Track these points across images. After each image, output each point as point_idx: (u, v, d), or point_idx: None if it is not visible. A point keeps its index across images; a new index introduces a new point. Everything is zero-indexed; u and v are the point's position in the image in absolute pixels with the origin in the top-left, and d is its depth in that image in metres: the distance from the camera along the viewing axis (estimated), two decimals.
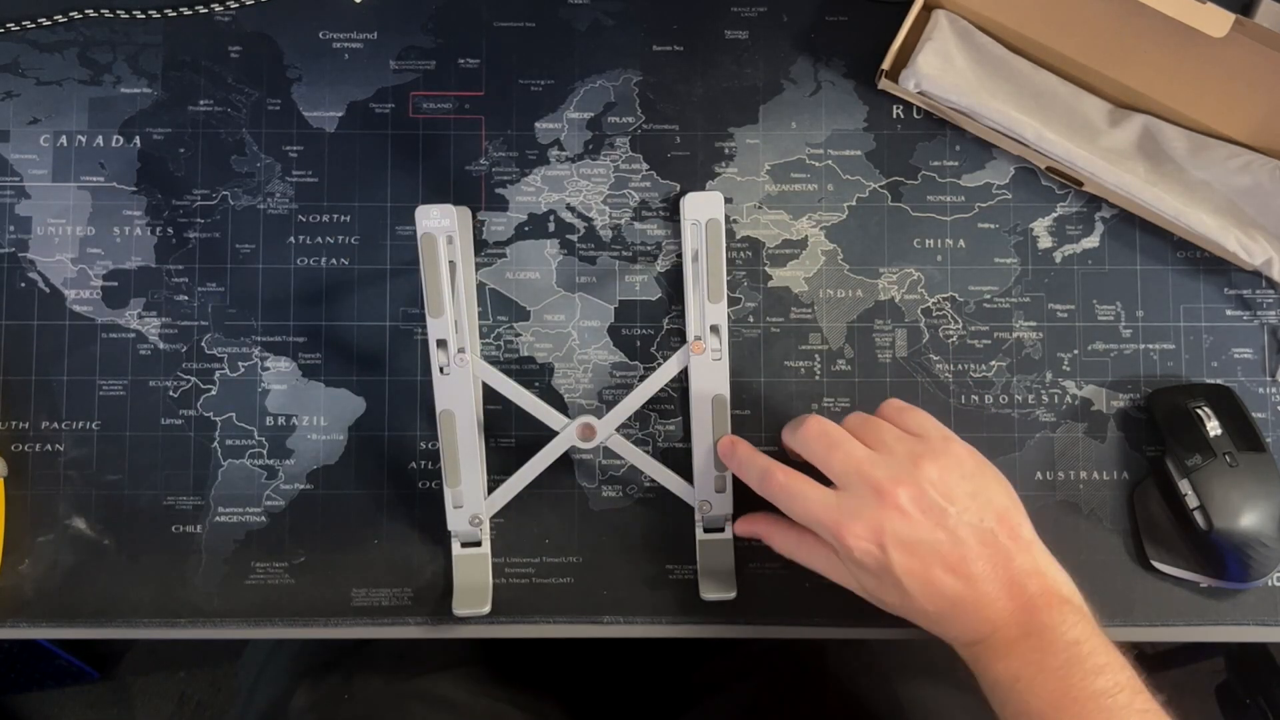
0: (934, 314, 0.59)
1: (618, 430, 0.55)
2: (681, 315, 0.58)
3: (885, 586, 0.48)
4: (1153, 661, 1.22)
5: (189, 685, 1.28)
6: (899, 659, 0.65)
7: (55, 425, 0.57)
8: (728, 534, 0.57)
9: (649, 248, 0.59)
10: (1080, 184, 0.58)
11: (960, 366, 0.58)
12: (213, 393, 0.58)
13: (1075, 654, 0.44)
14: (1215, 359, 0.59)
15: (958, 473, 0.48)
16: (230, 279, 0.58)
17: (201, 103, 0.59)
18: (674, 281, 0.59)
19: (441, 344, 0.53)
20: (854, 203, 0.59)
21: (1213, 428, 0.55)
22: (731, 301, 0.58)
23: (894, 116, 0.59)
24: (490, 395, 0.57)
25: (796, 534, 0.52)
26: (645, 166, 0.59)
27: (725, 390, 0.56)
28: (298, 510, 0.57)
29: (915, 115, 0.59)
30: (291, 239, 0.58)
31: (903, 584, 0.47)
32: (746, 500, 0.54)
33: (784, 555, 0.53)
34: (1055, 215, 0.59)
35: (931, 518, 0.46)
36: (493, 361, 0.58)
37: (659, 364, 0.58)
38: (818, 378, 0.58)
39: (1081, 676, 0.44)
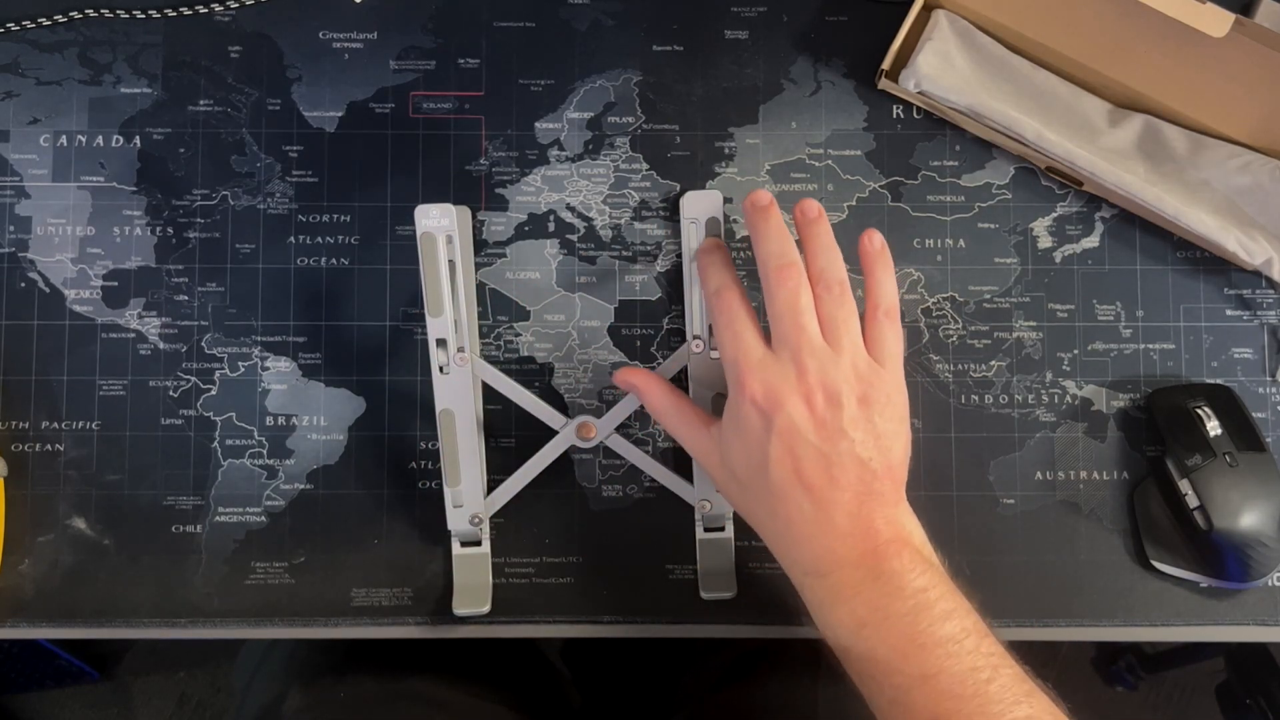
0: (934, 314, 0.59)
1: (617, 430, 0.55)
2: (681, 315, 0.58)
3: (750, 465, 0.46)
4: (1153, 661, 1.22)
5: (189, 685, 1.28)
6: None
7: (55, 425, 0.57)
8: (728, 533, 0.57)
9: (649, 248, 0.59)
10: (1080, 184, 0.58)
11: (960, 366, 0.58)
12: (213, 393, 0.58)
13: (922, 600, 0.43)
14: (1215, 359, 0.59)
15: (883, 414, 0.46)
16: (230, 279, 0.58)
17: (201, 103, 0.59)
18: (674, 281, 0.59)
19: (441, 343, 0.53)
20: (854, 202, 0.59)
21: (1213, 428, 0.55)
22: None
23: (894, 116, 0.59)
24: (490, 395, 0.57)
25: (676, 398, 0.51)
26: (645, 166, 0.59)
27: (725, 390, 0.56)
28: (298, 510, 0.57)
29: (915, 115, 0.59)
30: (291, 239, 0.58)
31: (768, 468, 0.45)
32: None
33: (652, 415, 0.52)
34: (1055, 215, 0.59)
35: (827, 431, 0.45)
36: (493, 361, 0.58)
37: (659, 363, 0.58)
38: None
39: (929, 623, 0.43)
